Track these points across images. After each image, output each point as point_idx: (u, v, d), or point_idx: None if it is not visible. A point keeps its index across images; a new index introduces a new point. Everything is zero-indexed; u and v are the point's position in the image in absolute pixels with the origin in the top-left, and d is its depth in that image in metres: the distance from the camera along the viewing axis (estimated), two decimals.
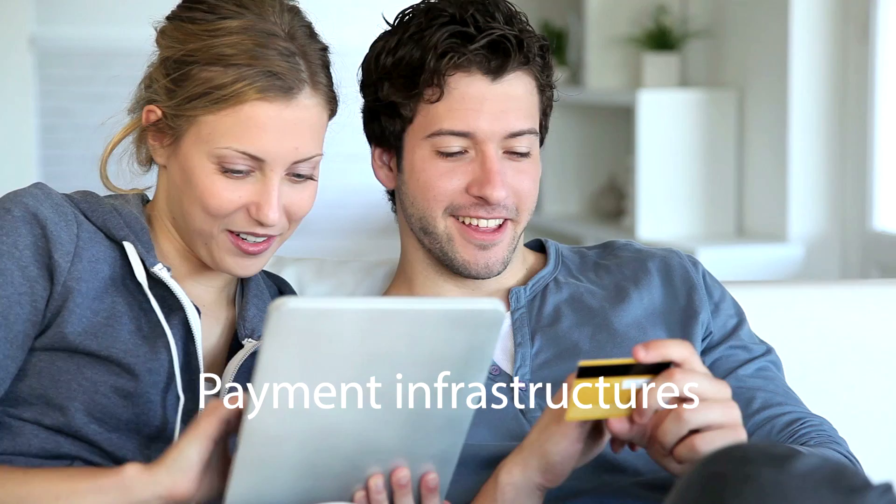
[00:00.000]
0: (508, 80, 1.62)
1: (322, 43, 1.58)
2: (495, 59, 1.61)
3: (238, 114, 1.50)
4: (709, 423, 1.32)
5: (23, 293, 1.49)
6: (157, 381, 1.51)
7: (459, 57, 1.60)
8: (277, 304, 1.21)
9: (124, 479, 1.36)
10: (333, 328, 1.24)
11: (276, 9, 1.54)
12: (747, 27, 4.01)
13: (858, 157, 3.77)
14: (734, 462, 1.14)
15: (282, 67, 1.50)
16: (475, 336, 1.28)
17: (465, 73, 1.61)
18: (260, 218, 1.52)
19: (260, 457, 1.29)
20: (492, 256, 1.65)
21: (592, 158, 4.69)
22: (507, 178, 1.63)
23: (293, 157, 1.52)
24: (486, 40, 1.60)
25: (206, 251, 1.56)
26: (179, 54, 1.52)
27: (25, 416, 1.50)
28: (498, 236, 1.65)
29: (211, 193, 1.51)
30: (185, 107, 1.52)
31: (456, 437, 1.35)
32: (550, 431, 1.38)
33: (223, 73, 1.50)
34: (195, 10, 1.54)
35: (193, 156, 1.52)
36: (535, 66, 1.64)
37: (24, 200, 1.52)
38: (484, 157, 1.62)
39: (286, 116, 1.51)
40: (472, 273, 1.66)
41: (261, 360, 1.24)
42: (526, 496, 1.42)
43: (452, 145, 1.62)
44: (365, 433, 1.31)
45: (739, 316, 1.73)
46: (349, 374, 1.27)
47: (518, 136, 1.63)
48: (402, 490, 1.35)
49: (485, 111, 1.61)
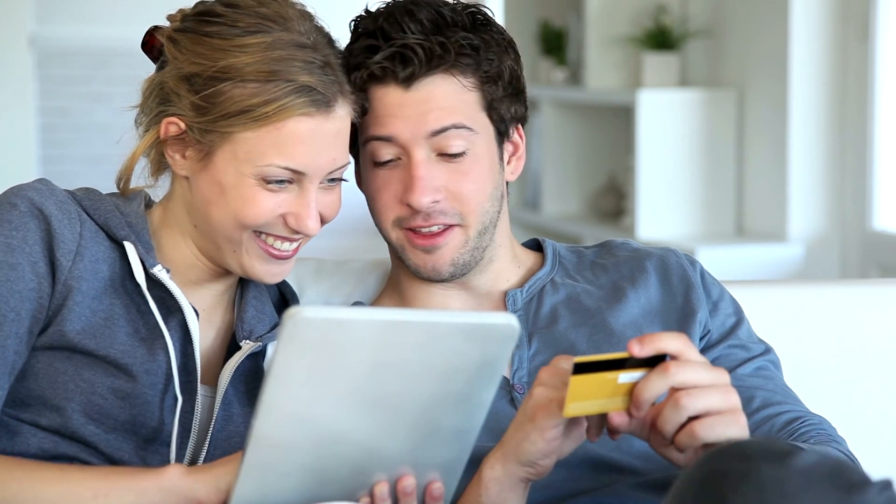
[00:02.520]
0: (422, 85, 1.60)
1: (339, 49, 1.58)
2: (402, 68, 1.59)
3: (280, 130, 1.49)
4: (707, 408, 1.31)
5: (32, 289, 1.49)
6: (155, 383, 1.51)
7: (366, 69, 1.60)
8: (292, 312, 1.21)
9: (164, 480, 1.39)
10: (347, 338, 1.24)
11: (297, 19, 1.53)
12: (747, 27, 4.01)
13: (858, 156, 3.77)
14: (734, 458, 1.14)
15: (318, 81, 1.50)
16: (488, 350, 1.28)
17: (381, 85, 1.60)
18: (300, 228, 1.53)
19: (266, 461, 1.29)
20: (438, 259, 1.64)
21: (592, 158, 4.68)
22: (442, 181, 1.61)
23: (331, 167, 1.53)
24: (390, 51, 1.59)
25: (235, 259, 1.55)
26: (208, 71, 1.50)
27: (23, 416, 1.50)
28: (440, 240, 1.63)
29: (251, 204, 1.51)
30: (219, 123, 1.50)
31: (463, 448, 1.35)
32: (526, 430, 1.38)
33: (261, 89, 1.49)
34: (215, 24, 1.52)
35: (230, 171, 1.51)
36: (460, 66, 1.61)
37: (29, 195, 1.51)
38: (408, 162, 1.61)
39: (326, 129, 1.52)
40: (423, 276, 1.66)
41: (273, 367, 1.24)
42: (509, 489, 1.42)
43: (383, 154, 1.61)
44: (372, 441, 1.31)
45: (738, 315, 1.73)
46: (360, 383, 1.27)
47: (441, 133, 1.60)
48: (408, 498, 1.35)
49: (402, 116, 1.60)
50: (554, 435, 1.37)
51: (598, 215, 4.60)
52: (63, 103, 4.75)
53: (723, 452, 1.16)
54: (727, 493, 1.11)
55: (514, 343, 1.28)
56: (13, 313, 1.47)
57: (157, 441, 1.51)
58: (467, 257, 1.65)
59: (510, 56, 1.66)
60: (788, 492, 1.10)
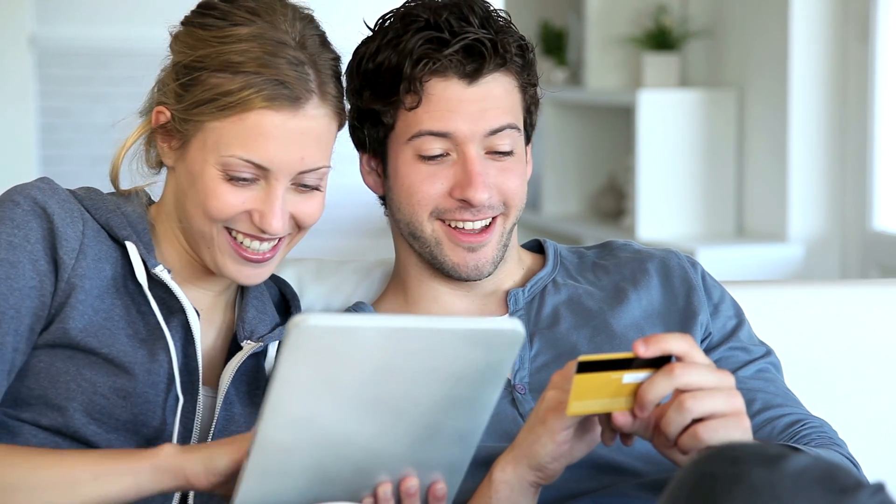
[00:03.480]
0: (485, 82, 1.61)
1: (334, 52, 1.57)
2: (470, 62, 1.60)
3: (244, 121, 1.49)
4: (712, 411, 1.31)
5: (33, 286, 1.49)
6: (157, 382, 1.51)
7: (434, 63, 1.59)
8: (297, 320, 1.21)
9: (158, 458, 1.39)
10: (352, 345, 1.24)
11: (288, 17, 1.53)
12: (747, 27, 4.00)
13: (858, 157, 3.77)
14: (725, 462, 1.14)
15: (290, 76, 1.50)
16: (492, 355, 1.28)
17: (442, 78, 1.60)
18: (262, 226, 1.52)
19: (270, 465, 1.30)
20: (481, 258, 1.65)
21: (592, 158, 4.68)
22: (491, 178, 1.62)
23: (298, 167, 1.52)
24: (461, 44, 1.59)
25: (209, 255, 1.56)
26: (189, 59, 1.52)
27: (24, 416, 1.50)
28: (485, 237, 1.64)
29: (214, 196, 1.51)
30: (193, 111, 1.51)
31: (466, 449, 1.35)
32: (537, 433, 1.38)
33: (231, 79, 1.49)
34: (208, 16, 1.54)
35: (199, 160, 1.52)
36: (514, 66, 1.63)
37: (32, 193, 1.51)
38: (465, 158, 1.61)
39: (292, 126, 1.50)
40: (462, 275, 1.65)
41: (277, 372, 1.24)
42: (520, 493, 1.42)
43: (433, 148, 1.61)
44: (376, 444, 1.31)
45: (739, 317, 1.73)
46: (364, 387, 1.27)
47: (498, 132, 1.62)
48: (411, 499, 1.35)
49: (462, 112, 1.60)
50: (564, 438, 1.37)
51: (598, 215, 4.60)
52: (63, 103, 4.75)
53: (714, 456, 1.16)
54: (719, 496, 1.11)
55: (519, 348, 1.28)
56: (13, 311, 1.47)
57: (158, 441, 1.51)
58: (501, 253, 1.67)
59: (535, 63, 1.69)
60: (780, 495, 1.10)
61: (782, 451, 1.15)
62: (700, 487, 1.12)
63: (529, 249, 1.79)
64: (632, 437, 1.36)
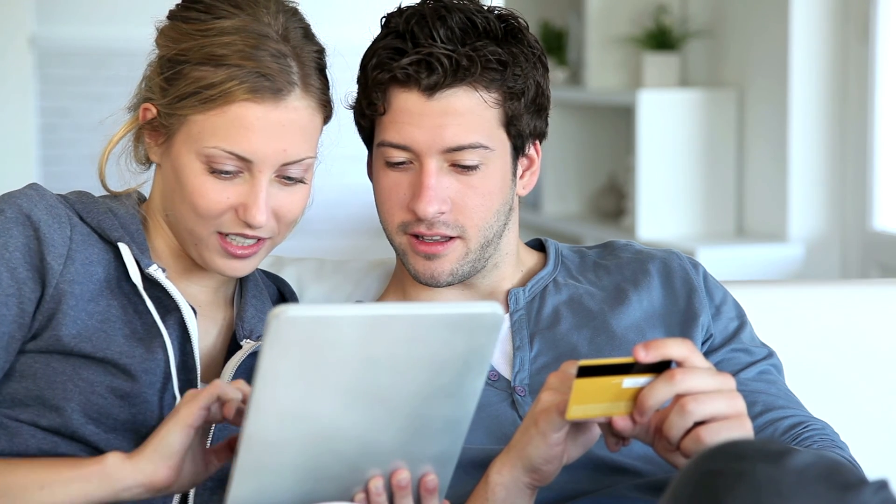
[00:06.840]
0: (444, 96, 1.58)
1: (318, 45, 1.57)
2: (427, 76, 1.58)
3: (226, 114, 1.50)
4: (713, 414, 1.31)
5: (10, 294, 1.49)
6: (154, 382, 1.51)
7: (388, 72, 1.58)
8: (277, 312, 1.20)
9: (106, 467, 1.39)
10: (333, 335, 1.23)
11: (271, 10, 1.54)
12: (747, 27, 4.01)
13: (858, 157, 3.77)
14: (729, 459, 1.13)
15: (272, 69, 1.50)
16: (474, 339, 1.28)
17: (404, 89, 1.59)
18: (247, 219, 1.52)
19: (260, 462, 1.29)
20: (437, 267, 1.63)
21: (592, 158, 4.68)
22: (450, 192, 1.60)
23: (281, 158, 1.52)
24: (415, 58, 1.57)
25: (196, 251, 1.56)
26: (173, 53, 1.52)
27: (22, 417, 1.50)
28: (441, 249, 1.62)
29: (200, 193, 1.51)
30: (177, 105, 1.52)
31: (455, 439, 1.35)
32: (530, 435, 1.38)
33: (213, 72, 1.50)
34: (191, 9, 1.54)
35: (183, 155, 1.52)
36: (484, 81, 1.59)
37: (18, 202, 1.52)
38: (420, 170, 1.60)
39: (274, 118, 1.50)
40: (422, 282, 1.65)
41: (260, 367, 1.24)
42: (516, 495, 1.41)
43: (396, 156, 1.60)
44: (364, 437, 1.31)
45: (741, 318, 1.72)
46: (348, 379, 1.27)
47: (458, 150, 1.59)
48: (403, 492, 1.35)
49: (422, 125, 1.58)
50: (556, 440, 1.36)
51: (598, 215, 4.60)
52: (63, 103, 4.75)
53: (718, 452, 1.15)
54: (722, 493, 1.11)
55: (500, 331, 1.28)
56: None
57: None
58: (467, 268, 1.65)
59: (538, 71, 1.64)
60: (783, 492, 1.10)
61: (786, 447, 1.15)
62: (703, 484, 1.12)
63: (531, 248, 1.79)
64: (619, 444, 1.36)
